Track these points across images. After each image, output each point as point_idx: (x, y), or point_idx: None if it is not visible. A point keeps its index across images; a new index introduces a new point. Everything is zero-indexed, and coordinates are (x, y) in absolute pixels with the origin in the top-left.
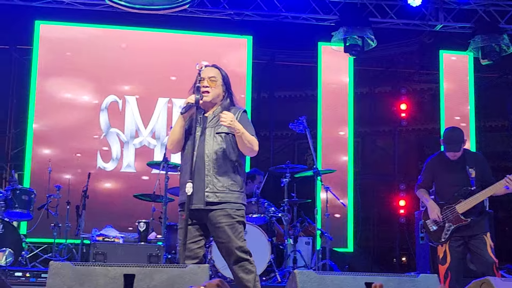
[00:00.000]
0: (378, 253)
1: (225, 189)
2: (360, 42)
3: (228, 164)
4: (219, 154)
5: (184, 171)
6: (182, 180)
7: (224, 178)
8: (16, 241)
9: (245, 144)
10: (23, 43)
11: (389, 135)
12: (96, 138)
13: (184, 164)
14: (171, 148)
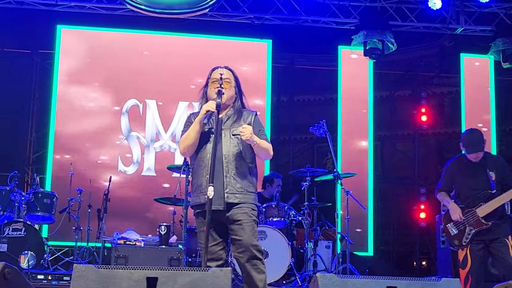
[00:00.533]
0: (399, 257)
1: (243, 190)
2: (380, 45)
3: (244, 165)
4: (236, 156)
5: (200, 174)
6: (198, 182)
7: (242, 179)
8: (38, 244)
9: (262, 151)
10: (44, 47)
11: (409, 138)
12: (117, 141)
13: (198, 166)
14: (185, 152)
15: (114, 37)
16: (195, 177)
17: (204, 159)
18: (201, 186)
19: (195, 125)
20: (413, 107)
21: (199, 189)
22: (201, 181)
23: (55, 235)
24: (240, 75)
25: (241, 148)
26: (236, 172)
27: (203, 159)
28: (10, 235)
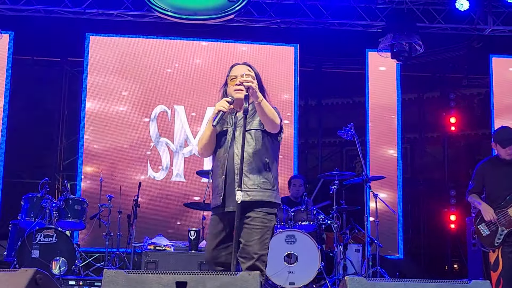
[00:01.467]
0: (429, 260)
1: (256, 187)
2: (408, 47)
3: (258, 161)
4: (249, 152)
5: (217, 174)
6: (215, 183)
7: (255, 176)
8: (69, 251)
9: (265, 113)
10: (74, 55)
11: (438, 141)
12: (147, 151)
13: (216, 167)
14: (202, 153)
15: (142, 43)
16: (214, 178)
17: (220, 159)
18: (218, 187)
19: (209, 127)
20: (442, 109)
21: (216, 190)
22: (217, 182)
23: (86, 241)
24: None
25: (254, 144)
26: (248, 168)
27: (220, 159)
28: (42, 241)
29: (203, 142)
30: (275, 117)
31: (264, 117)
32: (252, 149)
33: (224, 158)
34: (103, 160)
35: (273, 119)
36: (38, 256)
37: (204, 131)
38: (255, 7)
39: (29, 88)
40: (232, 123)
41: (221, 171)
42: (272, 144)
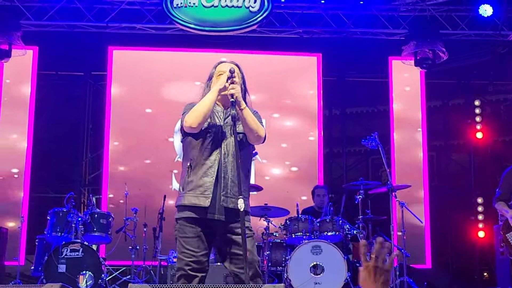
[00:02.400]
0: (458, 269)
1: (240, 194)
2: (431, 55)
3: (244, 168)
4: (235, 156)
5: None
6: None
7: (239, 182)
8: (95, 264)
9: (247, 123)
10: (97, 69)
11: (464, 148)
12: (170, 160)
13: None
14: (196, 123)
15: (164, 56)
16: (195, 175)
17: (210, 158)
18: (203, 186)
19: (213, 94)
20: (468, 116)
21: (199, 189)
22: (203, 181)
23: (112, 255)
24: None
25: (242, 148)
26: (235, 174)
27: (210, 158)
28: (68, 256)
29: (203, 109)
30: (258, 128)
31: (246, 127)
32: (241, 155)
33: (216, 157)
34: (128, 173)
35: (257, 130)
36: (64, 271)
37: (203, 101)
38: (277, 18)
39: (54, 102)
40: (222, 118)
41: (212, 170)
42: (251, 151)
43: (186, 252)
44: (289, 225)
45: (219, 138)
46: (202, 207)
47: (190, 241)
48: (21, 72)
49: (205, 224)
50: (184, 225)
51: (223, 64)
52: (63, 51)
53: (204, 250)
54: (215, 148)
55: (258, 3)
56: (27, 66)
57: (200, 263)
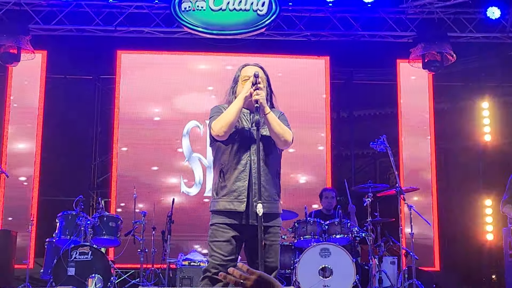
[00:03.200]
0: (466, 271)
1: (271, 199)
2: (439, 57)
3: (271, 171)
4: (265, 160)
5: (235, 177)
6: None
7: (270, 186)
8: (105, 267)
9: (272, 128)
10: (106, 73)
11: (473, 150)
12: (179, 163)
13: (233, 168)
14: (223, 132)
15: (172, 60)
16: (228, 180)
17: (241, 162)
18: (236, 191)
19: (239, 102)
20: (476, 118)
21: (233, 194)
22: (237, 186)
23: (121, 258)
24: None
25: (270, 151)
26: (266, 178)
27: (241, 162)
28: (78, 259)
29: (227, 119)
30: (285, 133)
31: (272, 132)
32: (268, 157)
33: (247, 161)
34: (137, 176)
35: (283, 134)
36: (74, 274)
37: (230, 109)
38: (285, 21)
39: (63, 106)
40: (250, 121)
41: (245, 174)
42: (281, 153)
43: (215, 256)
44: (298, 228)
45: (249, 141)
46: (237, 212)
47: (220, 245)
48: (30, 76)
49: (238, 229)
50: (217, 230)
51: (247, 68)
52: (71, 55)
53: (233, 255)
54: (245, 152)
55: (266, 6)
56: (36, 70)
57: (226, 268)
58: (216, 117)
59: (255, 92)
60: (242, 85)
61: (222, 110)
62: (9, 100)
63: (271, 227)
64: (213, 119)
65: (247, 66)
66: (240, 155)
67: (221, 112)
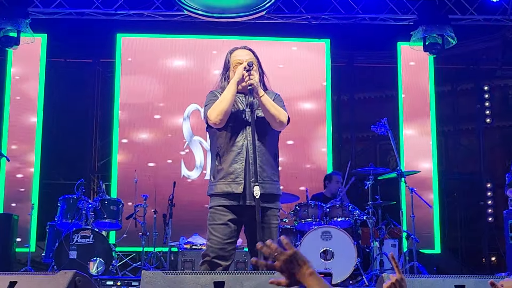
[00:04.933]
0: (467, 253)
1: (269, 179)
2: (440, 40)
3: (269, 152)
4: (262, 141)
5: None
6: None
7: (268, 167)
8: (106, 251)
9: (267, 109)
10: (105, 56)
11: (473, 133)
12: (180, 147)
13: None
14: (218, 120)
15: (173, 43)
16: (225, 163)
17: (237, 144)
18: (234, 173)
19: (232, 87)
20: (476, 100)
21: (230, 176)
22: (234, 167)
23: (122, 241)
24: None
25: (266, 132)
26: (263, 159)
27: (236, 144)
28: (79, 242)
29: (222, 106)
30: (280, 114)
31: (267, 114)
32: (264, 138)
33: (243, 143)
34: (137, 159)
35: (278, 115)
36: (75, 257)
37: (224, 95)
38: (285, 4)
39: (63, 90)
40: (244, 103)
41: (241, 156)
42: (277, 134)
43: (213, 239)
44: (299, 211)
45: (244, 123)
46: (235, 194)
47: (218, 228)
48: (30, 59)
49: (236, 211)
50: (215, 213)
51: (237, 52)
52: (71, 38)
53: (232, 238)
54: (241, 134)
55: None
56: (36, 53)
57: (226, 251)
58: (211, 104)
59: (248, 76)
60: (234, 70)
61: (218, 95)
62: (10, 83)
63: (270, 209)
64: (208, 107)
65: (237, 50)
66: (236, 137)
67: (216, 98)
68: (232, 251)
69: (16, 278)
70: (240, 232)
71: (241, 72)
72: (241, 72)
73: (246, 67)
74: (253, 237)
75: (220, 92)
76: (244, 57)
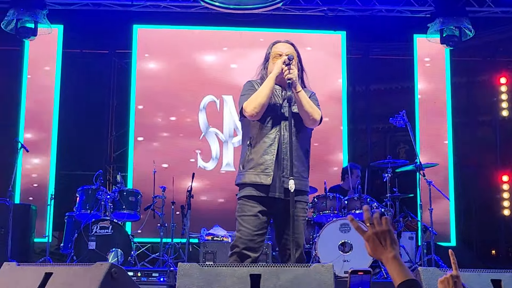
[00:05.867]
0: (483, 246)
1: (299, 175)
2: (457, 32)
3: (301, 148)
4: (295, 136)
5: (263, 151)
6: (259, 159)
7: (299, 163)
8: (125, 241)
9: (303, 106)
10: (122, 47)
11: (490, 125)
12: (196, 138)
13: (263, 142)
14: (255, 113)
15: (189, 34)
16: (256, 153)
17: (270, 136)
18: (264, 164)
19: (270, 81)
20: (493, 93)
21: (260, 167)
22: (264, 158)
23: (141, 232)
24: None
25: (300, 128)
26: (294, 155)
27: (269, 136)
28: (98, 233)
29: (260, 99)
30: (314, 112)
31: (301, 110)
32: (298, 135)
33: (275, 135)
34: (154, 150)
35: (312, 113)
36: (94, 248)
37: (261, 89)
38: None
39: (79, 80)
40: (281, 97)
41: (273, 148)
42: (310, 131)
43: (243, 230)
44: (317, 203)
45: (279, 116)
46: (264, 185)
47: (248, 219)
48: (47, 50)
49: (266, 203)
50: (244, 204)
51: (278, 45)
52: (88, 29)
53: (261, 230)
54: (274, 126)
55: None
56: (53, 44)
57: (255, 243)
58: (248, 96)
59: (287, 71)
60: (273, 62)
61: (255, 86)
62: (26, 74)
63: (298, 202)
64: (245, 98)
65: (279, 43)
66: (269, 129)
67: (253, 89)
68: (261, 243)
69: (51, 269)
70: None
71: (280, 66)
72: (280, 66)
73: (286, 61)
74: (281, 229)
75: (258, 82)
76: (284, 50)
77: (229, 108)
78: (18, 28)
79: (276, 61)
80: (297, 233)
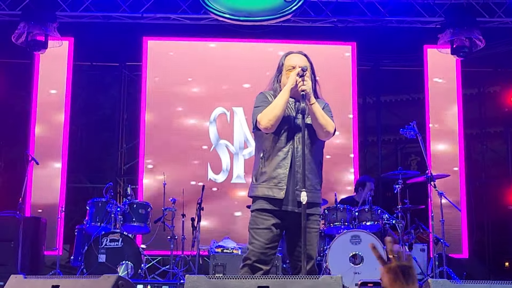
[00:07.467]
0: (495, 258)
1: (312, 188)
2: (468, 43)
3: (314, 160)
4: (308, 149)
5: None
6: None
7: (313, 176)
8: (135, 254)
9: (316, 118)
10: (132, 60)
11: (501, 136)
12: (206, 150)
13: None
14: (270, 125)
15: (199, 46)
16: (269, 166)
17: (283, 150)
18: (277, 178)
19: (285, 94)
20: (504, 104)
21: (273, 180)
22: (278, 172)
23: (151, 245)
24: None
25: (313, 140)
26: (308, 167)
27: (283, 149)
28: (108, 245)
29: (275, 112)
30: (327, 124)
31: (315, 122)
32: (312, 148)
33: (289, 148)
34: (164, 163)
35: (325, 125)
36: (105, 260)
37: (276, 101)
38: (311, 7)
39: (89, 93)
40: (294, 109)
41: (286, 162)
42: (323, 143)
43: (255, 243)
44: (328, 214)
45: (292, 129)
46: (276, 199)
47: (260, 233)
48: (57, 63)
49: (279, 216)
50: (257, 217)
51: (291, 57)
52: (98, 42)
53: (273, 242)
54: (288, 139)
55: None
56: (63, 57)
57: (267, 256)
58: (262, 108)
59: (301, 83)
60: (287, 75)
61: (268, 98)
62: (36, 87)
63: (311, 215)
64: (259, 110)
65: (291, 54)
66: (283, 142)
67: (267, 101)
68: (273, 256)
69: (58, 282)
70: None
71: (295, 78)
72: (295, 78)
73: (300, 73)
74: (293, 241)
75: (272, 94)
76: (297, 63)
77: (240, 120)
78: (29, 41)
79: (289, 74)
80: (310, 245)
